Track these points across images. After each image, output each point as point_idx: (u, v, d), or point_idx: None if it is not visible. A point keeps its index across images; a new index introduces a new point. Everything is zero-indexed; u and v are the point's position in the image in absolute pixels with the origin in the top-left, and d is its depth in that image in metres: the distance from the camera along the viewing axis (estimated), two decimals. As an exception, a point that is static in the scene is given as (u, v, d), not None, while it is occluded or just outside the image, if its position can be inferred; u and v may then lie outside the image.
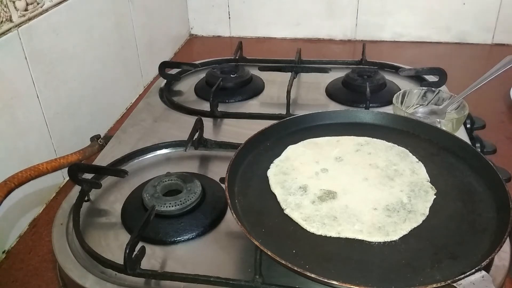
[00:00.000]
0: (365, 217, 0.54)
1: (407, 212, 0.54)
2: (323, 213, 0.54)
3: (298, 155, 0.65)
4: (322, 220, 0.53)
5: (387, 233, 0.52)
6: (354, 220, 0.53)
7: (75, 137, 0.79)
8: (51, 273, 0.60)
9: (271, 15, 1.30)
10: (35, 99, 0.70)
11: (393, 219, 0.53)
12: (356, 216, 0.54)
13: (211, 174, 0.68)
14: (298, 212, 0.55)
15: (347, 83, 0.92)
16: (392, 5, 1.23)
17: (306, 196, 0.57)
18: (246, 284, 0.49)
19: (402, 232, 0.52)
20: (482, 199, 0.56)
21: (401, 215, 0.54)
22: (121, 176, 0.65)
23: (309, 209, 0.55)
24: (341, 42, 1.30)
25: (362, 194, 0.57)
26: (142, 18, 1.04)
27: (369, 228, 0.52)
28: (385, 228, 0.52)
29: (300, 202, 0.56)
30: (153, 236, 0.57)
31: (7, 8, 0.64)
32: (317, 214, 0.54)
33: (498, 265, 0.50)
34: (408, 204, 0.56)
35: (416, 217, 0.54)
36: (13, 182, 0.60)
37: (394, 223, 0.53)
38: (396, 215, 0.54)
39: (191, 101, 0.91)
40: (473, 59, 1.18)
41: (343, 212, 0.55)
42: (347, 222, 0.53)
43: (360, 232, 0.52)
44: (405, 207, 0.55)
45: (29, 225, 0.69)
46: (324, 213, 0.54)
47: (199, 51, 1.29)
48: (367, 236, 0.51)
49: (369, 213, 0.54)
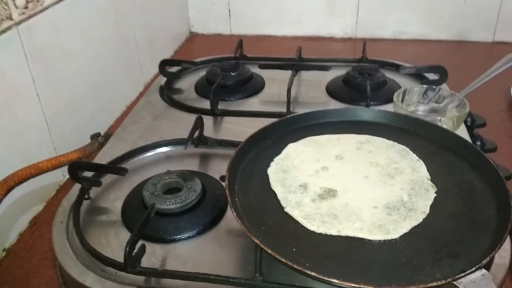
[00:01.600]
0: (365, 215, 0.54)
1: (407, 210, 0.54)
2: (323, 211, 0.54)
3: (298, 153, 0.65)
4: (322, 218, 0.53)
5: (387, 231, 0.52)
6: (354, 218, 0.53)
7: (75, 135, 0.79)
8: (51, 271, 0.60)
9: (271, 13, 1.30)
10: (35, 97, 0.70)
11: (394, 217, 0.53)
12: (357, 214, 0.54)
13: (211, 172, 0.68)
14: (298, 210, 0.55)
15: (347, 81, 0.91)
16: (392, 3, 1.23)
17: (307, 194, 0.57)
18: (247, 282, 0.49)
19: (402, 230, 0.52)
20: (482, 197, 0.56)
21: (401, 213, 0.54)
22: (121, 174, 0.65)
23: (309, 207, 0.55)
24: (341, 40, 1.30)
25: (363, 192, 0.57)
26: (143, 16, 1.04)
27: (369, 226, 0.52)
28: (385, 226, 0.52)
29: (300, 200, 0.56)
30: (153, 234, 0.57)
31: (7, 6, 0.64)
32: (317, 212, 0.54)
33: (499, 263, 0.50)
34: (409, 202, 0.56)
35: (416, 215, 0.54)
36: (13, 180, 0.60)
37: (395, 221, 0.53)
38: (397, 213, 0.54)
39: (191, 99, 0.91)
40: (473, 57, 1.17)
41: (344, 210, 0.54)
42: (348, 220, 0.53)
43: (360, 230, 0.52)
44: (405, 205, 0.55)
45: (29, 223, 0.69)
46: (324, 211, 0.54)
47: (200, 49, 1.29)
48: (367, 234, 0.51)
49: (370, 211, 0.54)
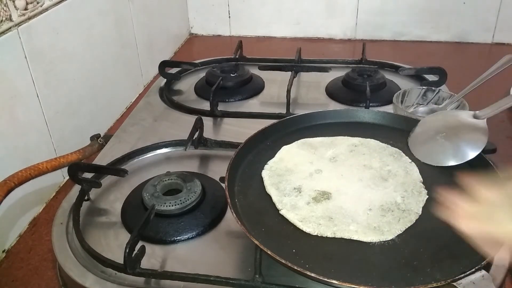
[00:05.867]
0: (360, 217, 0.54)
1: (401, 212, 0.55)
2: (318, 214, 0.54)
3: (292, 156, 0.65)
4: (317, 221, 0.53)
5: (382, 233, 0.52)
6: (349, 221, 0.53)
7: (75, 136, 0.79)
8: (51, 272, 0.60)
9: (271, 14, 1.30)
10: (35, 98, 0.70)
11: (388, 219, 0.54)
12: (351, 217, 0.54)
13: (211, 173, 0.68)
14: (293, 213, 0.55)
15: (347, 83, 0.92)
16: (392, 4, 1.23)
17: (301, 197, 0.57)
18: (246, 283, 0.49)
19: (396, 231, 0.52)
20: (482, 199, 0.56)
21: (395, 214, 0.54)
22: (121, 176, 0.65)
23: (304, 210, 0.55)
24: (341, 41, 1.30)
25: (357, 195, 0.57)
26: (142, 17, 1.04)
27: (364, 228, 0.52)
28: (380, 228, 0.52)
29: (295, 203, 0.56)
30: (153, 235, 0.57)
31: (6, 7, 0.64)
32: (312, 215, 0.54)
33: (498, 264, 0.50)
34: (402, 204, 0.56)
35: (410, 216, 0.54)
36: (13, 181, 0.60)
37: (389, 223, 0.53)
38: (391, 214, 0.54)
39: (191, 100, 0.91)
40: (473, 58, 1.17)
41: (338, 212, 0.55)
42: (342, 223, 0.53)
43: (355, 233, 0.52)
44: (399, 206, 0.55)
45: (29, 224, 0.69)
46: (319, 214, 0.54)
47: (199, 50, 1.29)
48: (362, 236, 0.52)
49: (364, 214, 0.54)
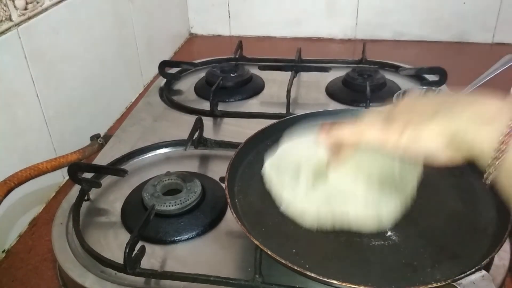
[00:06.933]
0: (359, 196, 0.51)
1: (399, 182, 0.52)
2: (317, 199, 0.52)
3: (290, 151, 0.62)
4: (317, 209, 0.52)
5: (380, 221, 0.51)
6: (347, 201, 0.51)
7: (74, 136, 0.79)
8: (51, 272, 0.60)
9: (271, 14, 1.30)
10: (34, 98, 0.70)
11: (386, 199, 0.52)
12: (350, 198, 0.52)
13: (211, 173, 0.68)
14: (293, 207, 0.53)
15: (347, 82, 0.91)
16: (392, 4, 1.23)
17: (299, 185, 0.54)
18: (246, 283, 0.49)
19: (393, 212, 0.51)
20: (482, 199, 0.56)
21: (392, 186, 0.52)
22: (121, 176, 0.65)
23: (303, 201, 0.53)
24: (341, 41, 1.30)
25: (353, 169, 0.54)
26: (142, 17, 1.04)
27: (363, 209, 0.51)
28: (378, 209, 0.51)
29: (293, 196, 0.54)
30: (153, 235, 0.57)
31: (6, 7, 0.64)
32: (311, 203, 0.52)
33: (498, 264, 0.50)
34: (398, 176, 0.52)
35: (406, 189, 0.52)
36: (13, 181, 0.60)
37: (386, 203, 0.51)
38: (388, 188, 0.52)
39: (191, 100, 0.91)
40: (473, 58, 1.17)
41: (336, 194, 0.52)
42: (341, 205, 0.51)
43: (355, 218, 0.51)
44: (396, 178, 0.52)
45: (29, 224, 0.69)
46: (318, 200, 0.52)
47: (199, 50, 1.29)
48: (361, 222, 0.51)
49: (362, 190, 0.52)
